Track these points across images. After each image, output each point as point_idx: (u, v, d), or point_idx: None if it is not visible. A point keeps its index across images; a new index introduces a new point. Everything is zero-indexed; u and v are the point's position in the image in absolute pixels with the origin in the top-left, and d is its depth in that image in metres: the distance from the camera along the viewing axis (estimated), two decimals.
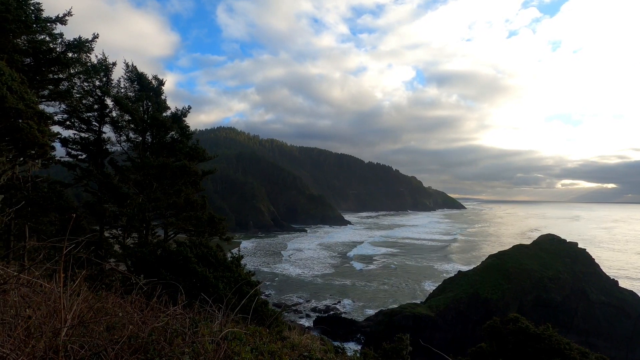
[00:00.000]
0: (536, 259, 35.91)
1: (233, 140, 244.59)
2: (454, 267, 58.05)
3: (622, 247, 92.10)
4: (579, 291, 33.05)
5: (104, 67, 13.10)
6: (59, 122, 12.45)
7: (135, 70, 14.20)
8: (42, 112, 9.82)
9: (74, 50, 10.90)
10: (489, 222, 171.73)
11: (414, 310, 29.66)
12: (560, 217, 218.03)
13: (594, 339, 29.95)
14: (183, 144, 14.59)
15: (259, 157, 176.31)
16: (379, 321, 30.30)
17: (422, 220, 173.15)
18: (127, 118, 13.62)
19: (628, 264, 67.35)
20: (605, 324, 31.27)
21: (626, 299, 32.82)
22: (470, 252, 77.22)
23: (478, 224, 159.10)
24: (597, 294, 32.91)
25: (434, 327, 28.68)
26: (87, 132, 13.40)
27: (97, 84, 13.04)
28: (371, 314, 35.83)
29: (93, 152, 13.36)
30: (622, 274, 55.31)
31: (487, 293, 31.44)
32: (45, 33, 10.18)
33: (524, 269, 33.99)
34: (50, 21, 10.28)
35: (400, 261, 67.31)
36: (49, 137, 10.26)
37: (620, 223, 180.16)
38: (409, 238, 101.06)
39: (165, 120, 14.07)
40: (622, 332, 30.67)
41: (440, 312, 29.82)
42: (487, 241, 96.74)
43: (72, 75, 11.43)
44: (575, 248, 38.14)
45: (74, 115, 12.83)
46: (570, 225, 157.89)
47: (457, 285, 33.85)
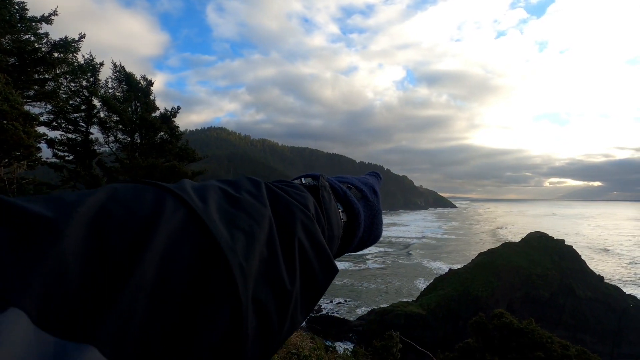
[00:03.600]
0: (525, 256, 36.55)
1: (224, 140, 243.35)
2: (443, 265, 58.72)
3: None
4: (566, 287, 33.71)
5: (91, 67, 12.96)
6: (45, 123, 12.27)
7: (123, 70, 14.07)
8: (28, 113, 9.70)
9: (60, 50, 10.78)
10: (470, 219, 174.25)
11: (405, 309, 29.93)
12: (537, 215, 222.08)
13: (582, 334, 30.57)
14: (173, 144, 14.50)
15: (250, 158, 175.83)
16: (371, 320, 30.49)
17: (413, 219, 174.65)
18: (115, 119, 13.49)
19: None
20: (591, 319, 31.93)
21: (611, 294, 33.58)
22: (459, 251, 78.42)
23: (458, 221, 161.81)
24: (584, 290, 33.61)
25: (425, 324, 28.98)
26: (74, 133, 13.23)
27: (84, 84, 12.89)
28: (364, 313, 36.04)
29: (80, 153, 13.20)
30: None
31: (477, 290, 31.88)
32: (30, 33, 10.05)
33: (513, 266, 34.57)
34: (35, 20, 10.15)
35: (393, 260, 67.82)
36: (35, 138, 10.14)
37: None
38: (401, 237, 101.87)
39: (155, 120, 13.97)
40: (608, 326, 31.38)
41: (431, 310, 30.14)
42: (467, 240, 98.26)
43: (59, 75, 11.30)
44: (562, 245, 38.89)
45: (61, 116, 12.66)
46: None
47: (448, 283, 34.26)
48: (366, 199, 0.58)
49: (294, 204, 0.38)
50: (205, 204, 0.29)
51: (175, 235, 0.25)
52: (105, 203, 0.24)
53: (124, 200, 0.25)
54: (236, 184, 0.37)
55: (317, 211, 0.42)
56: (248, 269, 0.27)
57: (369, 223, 0.57)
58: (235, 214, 0.31)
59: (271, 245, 0.31)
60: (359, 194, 0.57)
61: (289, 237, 0.34)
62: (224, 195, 0.33)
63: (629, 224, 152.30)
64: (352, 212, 0.53)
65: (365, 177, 0.66)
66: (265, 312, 0.28)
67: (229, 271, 0.25)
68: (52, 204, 0.22)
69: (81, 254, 0.20)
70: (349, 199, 0.53)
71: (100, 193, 0.25)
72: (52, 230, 0.20)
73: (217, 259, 0.25)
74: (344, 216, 0.51)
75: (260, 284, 0.28)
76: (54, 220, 0.20)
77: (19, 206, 0.20)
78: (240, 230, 0.29)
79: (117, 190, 0.26)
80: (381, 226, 0.61)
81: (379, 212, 0.60)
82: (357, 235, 0.54)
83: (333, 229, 0.46)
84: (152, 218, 0.25)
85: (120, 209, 0.24)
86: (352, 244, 0.54)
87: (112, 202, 0.24)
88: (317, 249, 0.36)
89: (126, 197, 0.26)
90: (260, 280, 0.28)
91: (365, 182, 0.63)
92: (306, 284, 0.34)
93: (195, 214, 0.27)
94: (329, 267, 0.38)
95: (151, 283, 0.22)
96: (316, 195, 0.46)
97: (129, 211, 0.24)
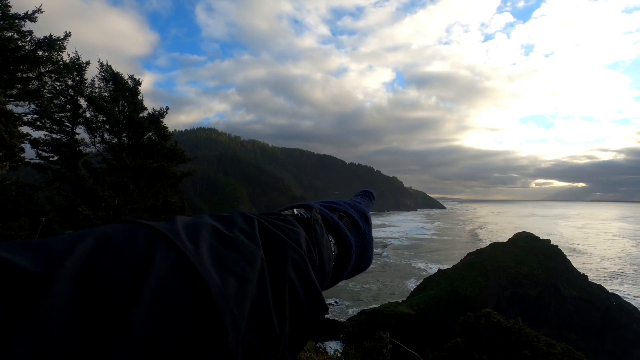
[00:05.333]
0: (512, 256, 37.15)
1: (214, 141, 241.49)
2: (432, 266, 59.30)
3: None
4: (552, 286, 34.36)
5: (77, 66, 12.71)
6: (28, 122, 11.98)
7: (110, 70, 13.84)
8: (11, 113, 9.47)
9: (44, 48, 10.55)
10: (454, 220, 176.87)
11: (395, 309, 30.10)
12: (518, 215, 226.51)
13: (567, 332, 31.17)
14: (161, 145, 14.32)
15: (240, 158, 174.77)
16: (361, 321, 30.55)
17: (403, 220, 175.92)
18: (102, 119, 13.25)
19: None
20: (576, 317, 32.59)
21: (595, 293, 34.32)
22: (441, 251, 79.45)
23: (442, 221, 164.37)
24: (569, 289, 34.30)
25: (414, 324, 29.17)
26: (59, 133, 12.95)
27: (70, 84, 12.64)
28: (354, 313, 36.11)
29: (66, 153, 12.93)
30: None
31: (466, 290, 32.25)
32: (14, 30, 9.82)
33: (501, 266, 35.10)
34: (18, 18, 9.92)
35: (383, 260, 68.16)
36: (18, 138, 9.91)
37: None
38: (391, 238, 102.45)
39: (142, 120, 13.78)
40: (592, 324, 32.06)
41: (420, 310, 30.36)
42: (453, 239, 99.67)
43: (43, 74, 11.05)
44: (548, 245, 39.66)
45: (45, 115, 12.38)
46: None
47: (437, 283, 34.57)
48: (358, 228, 0.57)
49: (287, 242, 0.37)
50: (196, 246, 0.28)
51: (166, 283, 0.24)
52: (94, 253, 0.23)
53: (113, 248, 0.24)
54: (230, 221, 0.36)
55: (308, 246, 0.41)
56: (239, 314, 0.26)
57: (359, 253, 0.56)
58: (228, 256, 0.30)
59: (262, 287, 0.30)
60: (350, 223, 0.57)
61: (280, 277, 0.33)
62: (216, 235, 0.32)
63: (600, 224, 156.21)
64: (344, 244, 0.52)
65: (356, 202, 0.65)
66: (254, 355, 0.27)
67: (220, 319, 0.25)
68: (37, 255, 0.21)
69: (69, 310, 0.19)
70: (341, 231, 0.52)
71: (89, 240, 0.24)
72: (37, 287, 0.19)
73: (209, 307, 0.25)
74: (335, 248, 0.50)
75: (250, 328, 0.27)
76: (39, 276, 0.19)
77: (1, 259, 0.19)
78: (232, 275, 0.28)
79: (106, 236, 0.25)
80: (372, 253, 0.60)
81: (369, 241, 0.59)
82: (348, 267, 0.53)
83: (324, 264, 0.45)
84: (143, 268, 0.24)
85: (110, 260, 0.23)
86: (342, 275, 0.54)
87: (101, 251, 0.23)
88: (308, 287, 0.36)
89: (116, 244, 0.24)
90: (250, 323, 0.27)
91: (357, 208, 0.61)
92: (296, 324, 0.33)
93: (186, 259, 0.26)
94: (319, 305, 0.36)
95: (142, 337, 0.21)
96: (308, 228, 0.44)
97: (118, 261, 0.23)
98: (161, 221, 0.30)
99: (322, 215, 0.52)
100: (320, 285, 0.40)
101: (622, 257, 68.89)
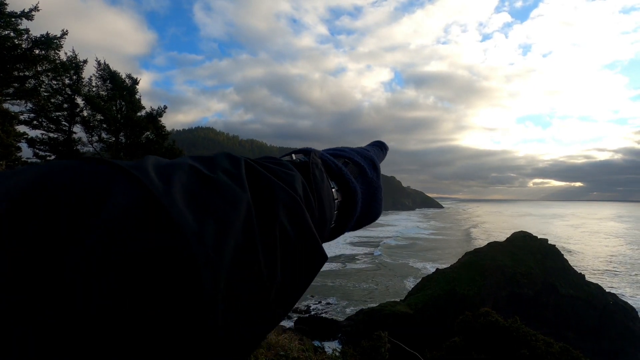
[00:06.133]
0: (509, 256, 37.27)
1: (212, 140, 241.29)
2: (428, 264, 59.48)
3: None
4: (550, 286, 34.49)
5: (74, 64, 12.67)
6: (25, 121, 11.94)
7: (107, 69, 13.79)
8: (7, 112, 9.42)
9: (41, 46, 10.50)
10: (450, 219, 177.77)
11: (393, 309, 30.16)
12: (514, 215, 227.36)
13: (564, 331, 31.28)
14: (159, 144, 14.29)
15: None
16: (359, 320, 30.59)
17: (401, 219, 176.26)
18: (99, 118, 13.22)
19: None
20: (574, 316, 32.73)
21: (592, 292, 34.48)
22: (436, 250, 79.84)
23: (438, 220, 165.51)
24: (566, 288, 34.45)
25: (413, 324, 29.21)
26: (56, 132, 12.91)
27: (67, 82, 12.59)
28: (352, 313, 36.15)
29: (63, 153, 12.88)
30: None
31: (464, 290, 32.33)
32: (10, 28, 9.77)
33: (499, 265, 35.21)
34: (15, 16, 9.86)
35: (381, 260, 68.24)
36: (15, 137, 9.86)
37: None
38: (389, 237, 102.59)
39: (140, 120, 13.74)
40: (589, 323, 32.21)
41: (418, 310, 30.43)
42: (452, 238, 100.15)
43: (40, 72, 11.01)
44: (545, 244, 39.82)
45: (42, 114, 12.33)
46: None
47: (435, 282, 34.66)
48: (364, 175, 0.53)
49: (278, 184, 0.32)
50: (168, 185, 0.24)
51: (125, 220, 0.20)
52: (31, 188, 0.19)
53: (56, 185, 0.20)
54: (212, 161, 0.31)
55: (305, 191, 0.37)
56: (218, 260, 0.23)
57: (366, 202, 0.52)
58: (206, 197, 0.25)
59: (248, 233, 0.26)
60: (356, 170, 0.52)
61: (271, 222, 0.29)
62: (195, 175, 0.27)
63: (594, 223, 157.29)
64: (348, 191, 0.48)
65: (365, 149, 0.61)
66: (241, 305, 0.25)
67: (194, 263, 0.21)
68: None
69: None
70: (344, 177, 0.48)
71: (28, 173, 0.20)
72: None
73: (181, 251, 0.21)
74: (338, 195, 0.46)
75: (233, 275, 0.24)
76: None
77: None
78: (211, 217, 0.24)
79: (51, 170, 0.21)
80: (381, 204, 0.56)
81: (378, 189, 0.55)
82: (353, 215, 0.49)
83: (325, 212, 0.40)
84: (98, 199, 0.20)
85: (49, 199, 0.19)
86: (347, 224, 0.50)
87: (39, 189, 0.19)
88: (303, 235, 0.32)
89: (60, 180, 0.20)
90: (234, 270, 0.24)
91: (365, 155, 0.57)
92: (289, 274, 0.30)
93: (154, 197, 0.22)
94: (316, 254, 0.33)
95: (94, 266, 0.18)
96: (306, 173, 0.40)
97: (62, 198, 0.19)
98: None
99: (323, 159, 0.48)
100: (321, 234, 0.37)
101: (616, 255, 69.32)
